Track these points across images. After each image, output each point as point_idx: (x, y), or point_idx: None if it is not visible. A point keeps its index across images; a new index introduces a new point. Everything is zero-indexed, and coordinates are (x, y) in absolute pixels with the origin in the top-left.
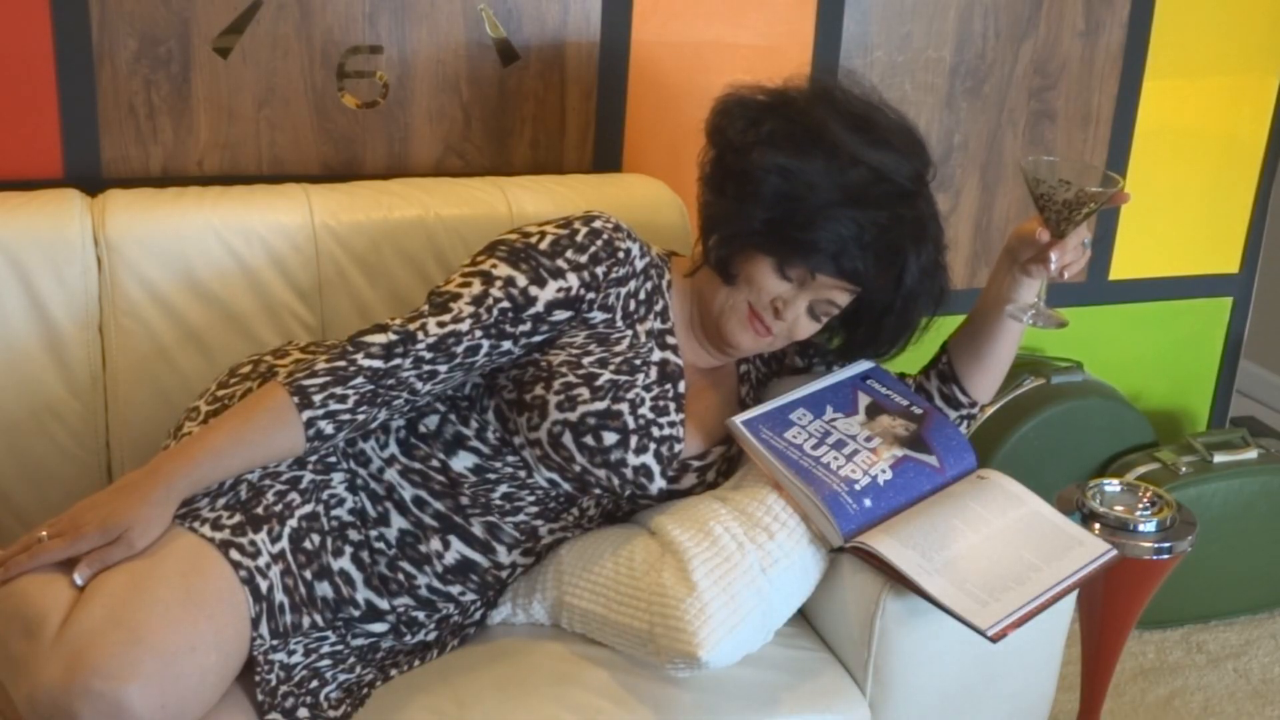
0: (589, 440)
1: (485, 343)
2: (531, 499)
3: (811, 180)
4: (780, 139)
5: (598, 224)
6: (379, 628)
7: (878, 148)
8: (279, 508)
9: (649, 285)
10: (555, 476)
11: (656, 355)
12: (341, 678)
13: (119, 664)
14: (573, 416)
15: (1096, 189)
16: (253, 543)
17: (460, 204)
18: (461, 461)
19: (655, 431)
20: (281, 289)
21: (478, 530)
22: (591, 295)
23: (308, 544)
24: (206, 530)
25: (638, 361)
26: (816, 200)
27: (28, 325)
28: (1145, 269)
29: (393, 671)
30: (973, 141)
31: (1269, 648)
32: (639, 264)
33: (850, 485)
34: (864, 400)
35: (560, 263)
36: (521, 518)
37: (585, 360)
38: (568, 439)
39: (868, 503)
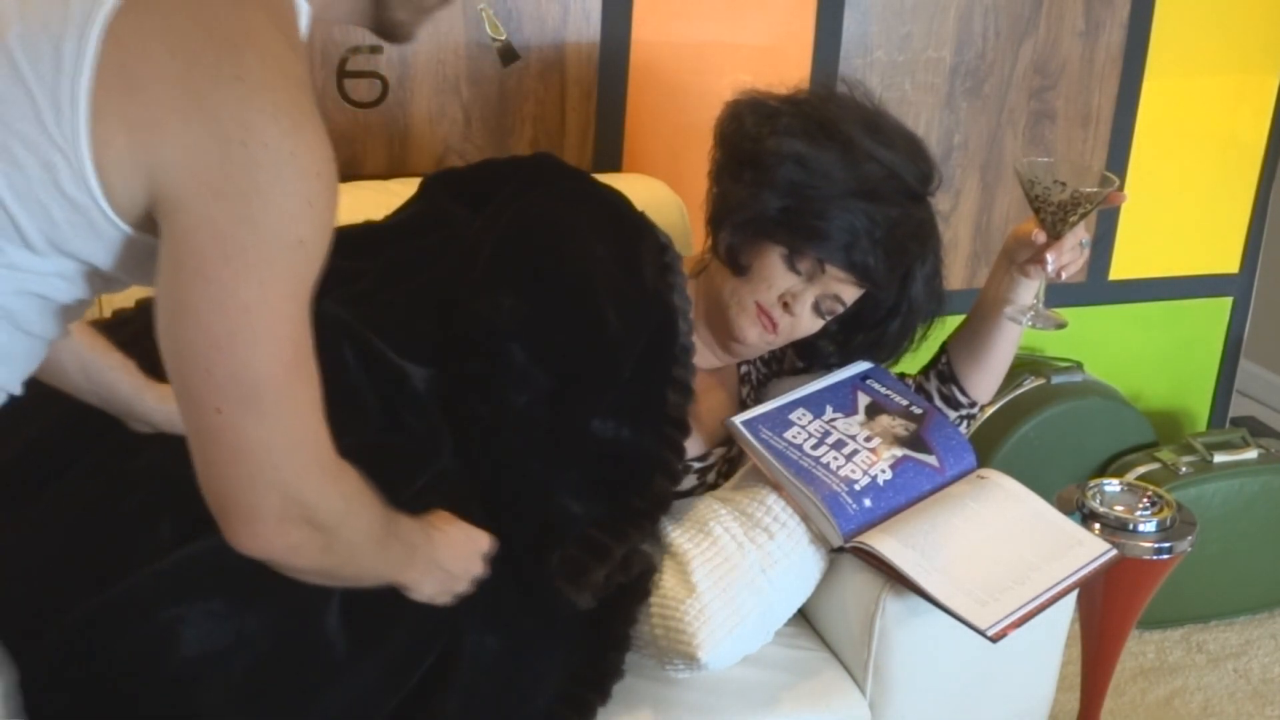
0: None
1: None
2: None
3: (826, 170)
4: (796, 130)
5: None
6: None
7: (888, 148)
8: None
9: None
10: None
11: None
12: None
13: None
14: None
15: (1091, 189)
16: None
17: None
18: None
19: None
20: None
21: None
22: None
23: None
24: None
25: None
26: (831, 190)
27: None
28: (1145, 269)
29: None
30: (973, 141)
31: (1269, 648)
32: None
33: (850, 485)
34: (864, 400)
35: None
36: None
37: None
38: None
39: (867, 503)
